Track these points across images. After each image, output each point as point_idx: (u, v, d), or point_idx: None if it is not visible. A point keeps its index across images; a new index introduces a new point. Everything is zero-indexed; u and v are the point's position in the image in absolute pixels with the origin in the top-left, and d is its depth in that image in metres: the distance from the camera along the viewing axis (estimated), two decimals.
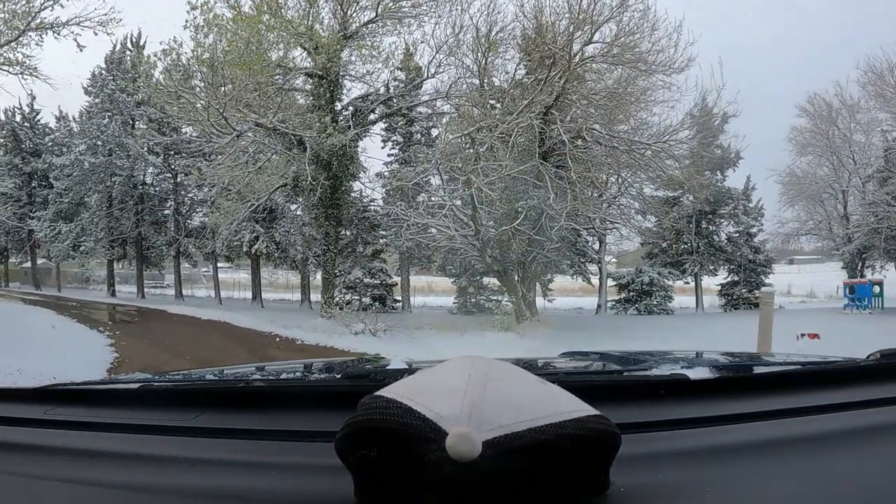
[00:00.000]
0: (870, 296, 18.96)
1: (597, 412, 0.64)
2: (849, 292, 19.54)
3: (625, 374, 1.31)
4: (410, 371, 1.00)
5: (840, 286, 21.70)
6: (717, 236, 23.66)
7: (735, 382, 1.21)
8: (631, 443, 0.71)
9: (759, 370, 1.43)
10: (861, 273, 21.89)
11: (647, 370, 1.26)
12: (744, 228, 23.24)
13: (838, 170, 22.64)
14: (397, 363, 1.46)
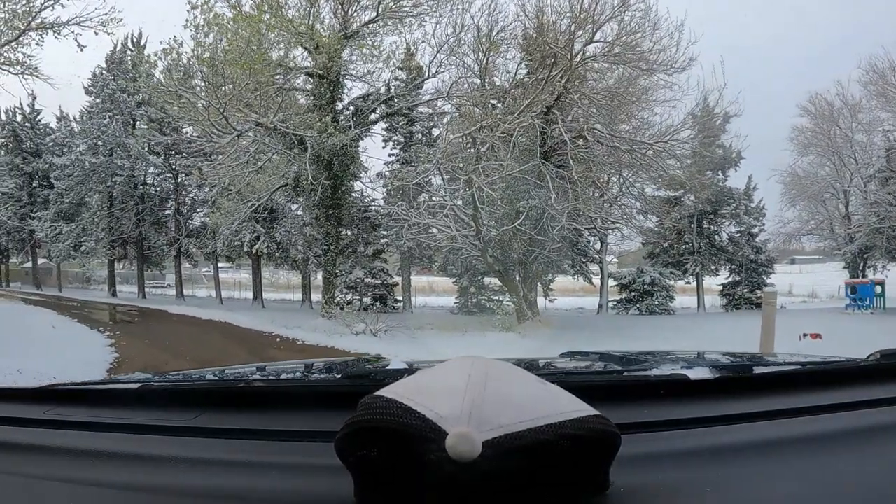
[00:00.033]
0: (872, 296, 18.95)
1: (597, 412, 0.64)
2: (851, 292, 19.53)
3: (625, 375, 1.31)
4: (410, 371, 1.00)
5: (842, 286, 21.68)
6: (719, 236, 23.63)
7: (735, 382, 1.21)
8: (631, 443, 0.71)
9: (760, 370, 1.43)
10: (863, 273, 21.87)
11: (647, 370, 1.26)
12: (745, 228, 23.21)
13: (840, 169, 22.62)
14: (397, 363, 1.45)
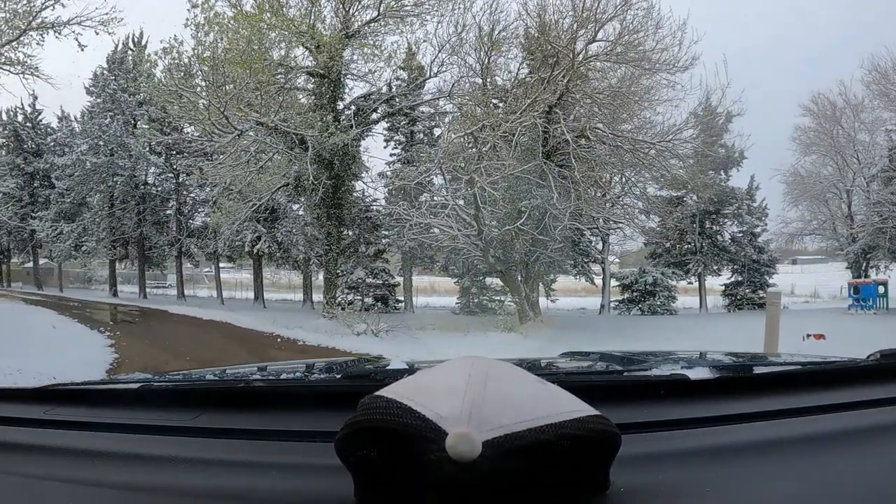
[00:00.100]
0: (874, 296, 18.93)
1: (597, 412, 0.64)
2: (853, 292, 19.51)
3: (625, 375, 1.31)
4: (410, 371, 1.00)
5: (844, 286, 21.66)
6: (721, 236, 23.59)
7: (735, 382, 1.20)
8: (631, 443, 0.71)
9: (760, 370, 1.43)
10: (865, 273, 21.84)
11: (648, 370, 1.26)
12: (747, 228, 23.17)
13: (842, 169, 22.59)
14: (397, 363, 1.45)
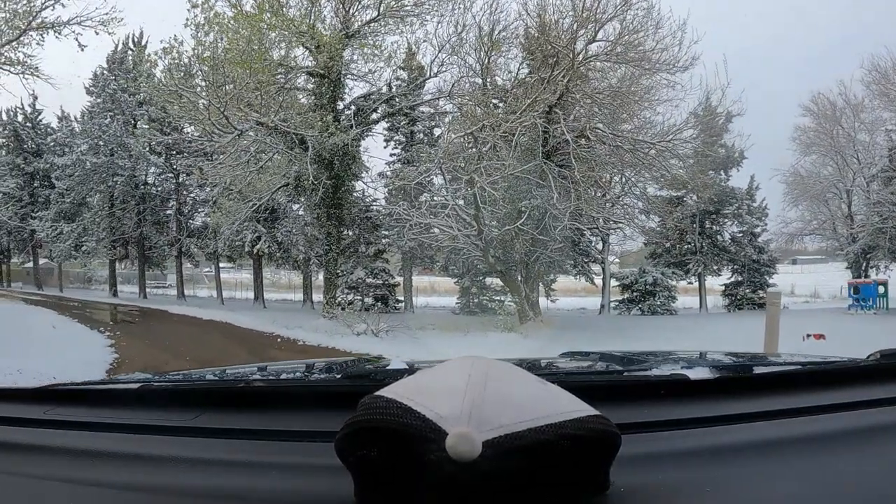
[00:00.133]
0: (874, 296, 18.93)
1: (597, 412, 0.63)
2: (853, 292, 19.51)
3: (625, 375, 1.30)
4: (410, 371, 1.00)
5: (844, 286, 21.66)
6: (721, 236, 23.58)
7: (735, 382, 1.20)
8: (631, 443, 0.71)
9: (760, 370, 1.43)
10: (865, 273, 21.84)
11: (648, 370, 1.26)
12: (747, 228, 23.17)
13: (842, 169, 22.59)
14: (397, 363, 1.45)
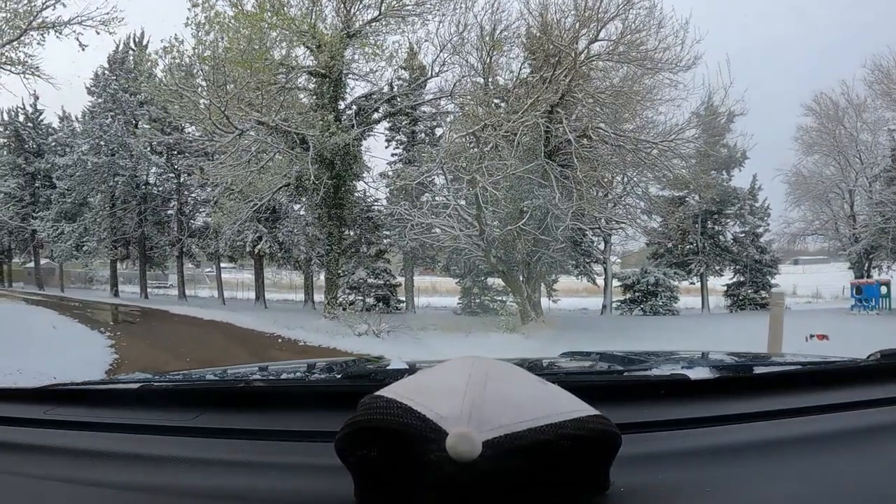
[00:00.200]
0: (877, 296, 18.93)
1: (597, 412, 0.63)
2: (856, 293, 19.50)
3: (625, 374, 1.30)
4: (411, 371, 1.00)
5: (847, 286, 21.65)
6: (723, 236, 23.58)
7: (735, 382, 1.21)
8: (631, 443, 0.70)
9: (760, 370, 1.43)
10: (868, 273, 21.83)
11: (648, 370, 1.26)
12: (750, 228, 23.16)
13: (845, 169, 22.58)
14: (397, 363, 1.45)
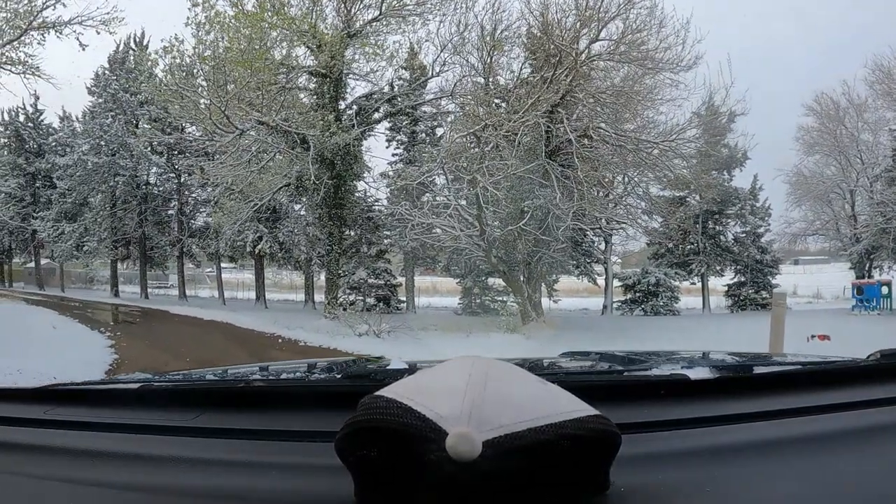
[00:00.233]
0: (878, 296, 18.94)
1: (597, 412, 0.63)
2: (857, 293, 19.50)
3: (625, 374, 1.30)
4: (411, 371, 1.00)
5: (847, 287, 21.65)
6: (724, 236, 23.58)
7: (735, 382, 1.20)
8: (631, 443, 0.70)
9: (760, 370, 1.42)
10: (869, 274, 21.82)
11: (648, 370, 1.26)
12: (751, 228, 23.16)
13: (846, 169, 22.58)
14: (398, 363, 1.45)
